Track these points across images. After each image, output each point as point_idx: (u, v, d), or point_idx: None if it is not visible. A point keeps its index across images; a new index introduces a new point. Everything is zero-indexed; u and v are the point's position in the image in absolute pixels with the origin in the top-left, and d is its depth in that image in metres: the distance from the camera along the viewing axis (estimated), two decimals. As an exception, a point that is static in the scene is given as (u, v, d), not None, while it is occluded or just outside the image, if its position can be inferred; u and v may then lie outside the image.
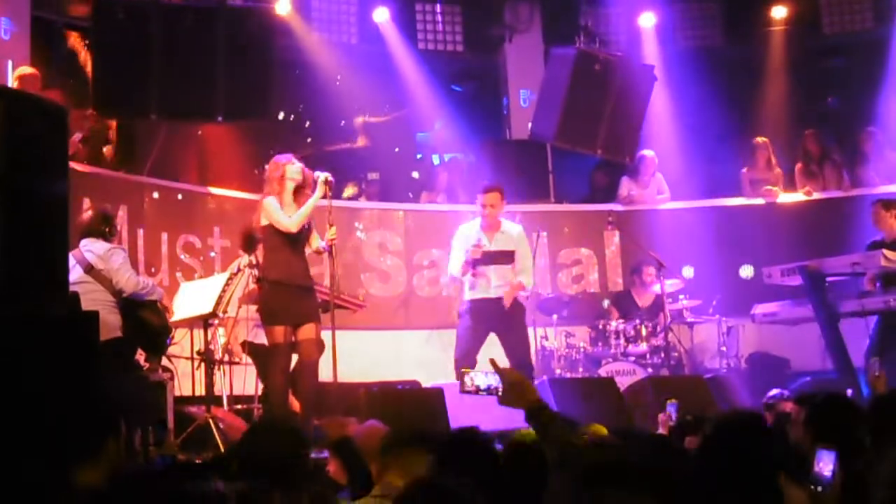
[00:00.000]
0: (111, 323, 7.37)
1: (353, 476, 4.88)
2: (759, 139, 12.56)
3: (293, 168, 8.33)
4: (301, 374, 8.24)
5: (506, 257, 9.43)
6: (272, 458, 3.96)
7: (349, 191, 12.56)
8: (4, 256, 4.64)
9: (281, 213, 8.16)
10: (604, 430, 5.06)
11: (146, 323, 7.79)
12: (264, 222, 8.30)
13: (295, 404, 8.55)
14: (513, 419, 4.13)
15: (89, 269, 7.59)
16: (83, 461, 3.74)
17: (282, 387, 8.20)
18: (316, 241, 8.38)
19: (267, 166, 8.64)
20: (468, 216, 10.19)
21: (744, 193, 12.57)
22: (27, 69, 9.53)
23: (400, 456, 4.31)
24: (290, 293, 8.10)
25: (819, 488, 3.74)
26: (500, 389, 3.80)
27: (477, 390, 3.86)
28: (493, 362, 3.98)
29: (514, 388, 3.72)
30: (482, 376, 3.86)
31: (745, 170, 12.62)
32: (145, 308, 7.80)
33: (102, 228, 7.82)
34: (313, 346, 8.17)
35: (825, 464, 3.77)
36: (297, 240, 8.23)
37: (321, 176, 8.22)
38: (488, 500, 3.36)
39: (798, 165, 12.64)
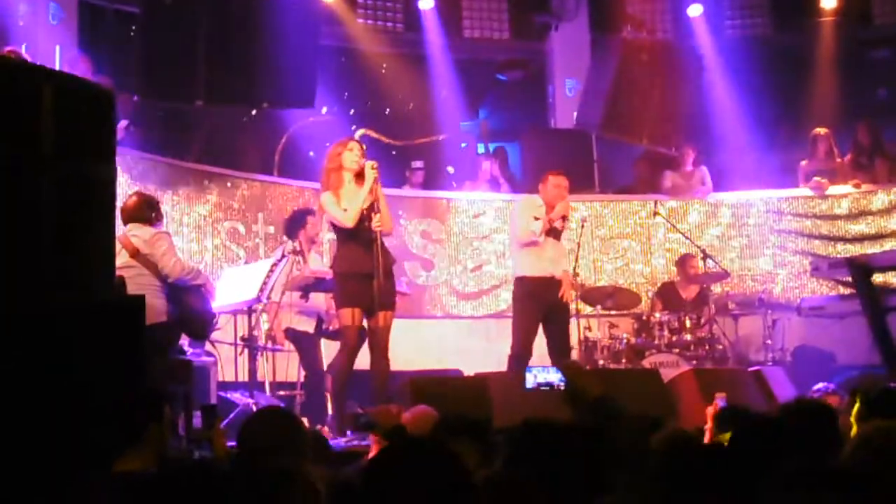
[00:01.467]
0: (157, 307, 7.38)
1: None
2: (820, 130, 12.36)
3: (350, 156, 8.11)
4: (372, 362, 8.18)
5: (558, 232, 9.46)
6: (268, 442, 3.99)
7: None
8: (52, 241, 4.66)
9: (337, 209, 8.01)
10: None
11: (191, 308, 7.81)
12: (327, 218, 8.24)
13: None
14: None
15: (135, 253, 7.60)
16: (126, 445, 3.75)
17: (344, 370, 8.14)
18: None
19: (325, 155, 8.49)
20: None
21: (801, 185, 12.42)
22: (77, 52, 9.60)
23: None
24: (356, 281, 8.02)
25: None
26: (563, 385, 3.75)
27: (539, 387, 3.84)
28: (561, 365, 3.90)
29: (579, 380, 3.66)
30: (543, 373, 3.84)
31: (804, 162, 12.42)
32: (190, 293, 7.80)
33: (148, 214, 7.85)
34: (382, 333, 8.09)
35: None
36: (359, 229, 8.12)
37: (367, 164, 8.10)
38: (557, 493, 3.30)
39: (848, 157, 12.49)
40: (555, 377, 3.72)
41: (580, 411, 3.72)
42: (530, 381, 3.71)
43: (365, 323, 8.09)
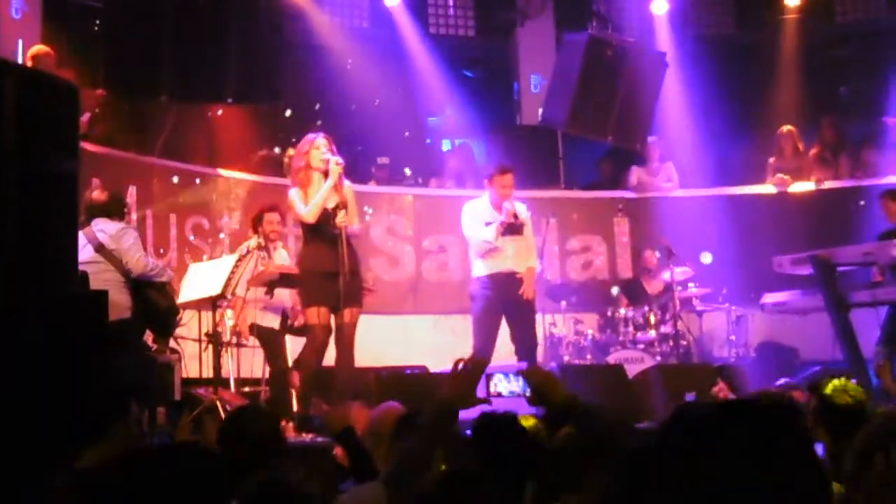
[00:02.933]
0: (120, 303, 7.35)
1: (356, 465, 4.85)
2: (785, 128, 12.46)
3: (317, 154, 8.15)
4: (337, 359, 8.19)
5: (519, 228, 9.44)
6: (253, 439, 3.99)
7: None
8: (14, 235, 4.62)
9: (300, 205, 8.08)
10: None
11: (154, 304, 7.79)
12: (293, 213, 8.25)
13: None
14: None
15: (100, 248, 7.58)
16: (90, 442, 3.73)
17: (310, 367, 8.15)
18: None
19: (292, 152, 8.50)
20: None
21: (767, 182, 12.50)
22: (41, 48, 9.52)
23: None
24: (320, 279, 8.03)
25: None
26: (527, 391, 3.73)
27: (499, 395, 3.81)
28: (524, 374, 3.88)
29: (543, 387, 3.63)
30: (504, 380, 3.81)
31: (772, 159, 12.51)
32: (153, 289, 7.79)
33: (114, 209, 7.85)
34: (347, 330, 8.10)
35: None
36: (323, 227, 8.12)
37: (331, 160, 8.10)
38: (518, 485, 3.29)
39: (812, 152, 12.57)
40: (516, 385, 3.70)
41: (550, 415, 3.69)
42: (492, 388, 3.69)
43: (332, 320, 8.10)
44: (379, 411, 5.43)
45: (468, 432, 4.09)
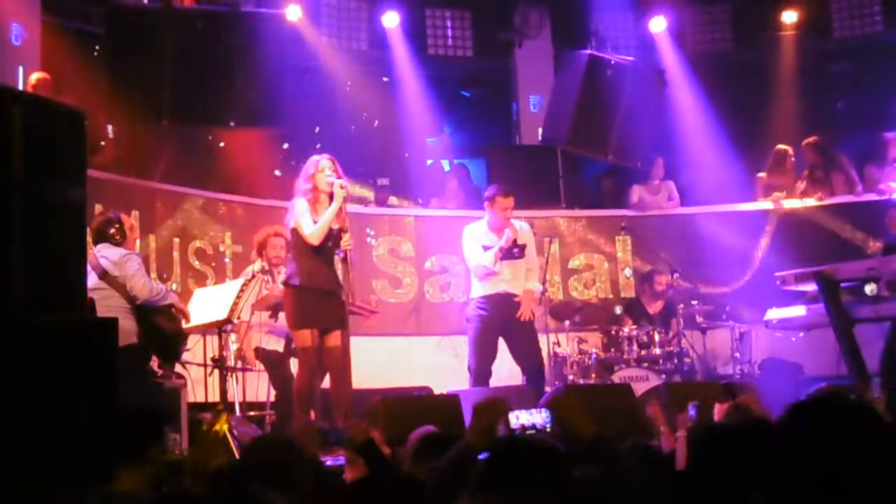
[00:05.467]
0: (127, 329, 7.31)
1: (377, 477, 4.83)
2: (781, 147, 12.48)
3: (322, 178, 8.09)
4: (333, 382, 8.16)
5: (522, 250, 9.42)
6: (268, 467, 3.96)
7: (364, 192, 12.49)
8: (23, 264, 4.61)
9: (307, 221, 8.02)
10: None
11: (160, 329, 7.76)
12: (293, 224, 8.19)
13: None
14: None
15: (104, 274, 7.57)
16: (123, 465, 3.72)
17: (306, 390, 8.11)
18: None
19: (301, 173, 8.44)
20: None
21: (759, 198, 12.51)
22: (41, 74, 9.53)
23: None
24: (316, 298, 8.01)
25: None
26: (549, 426, 3.66)
27: (523, 429, 3.76)
28: (549, 405, 3.81)
29: (571, 421, 3.55)
30: (526, 414, 3.76)
31: (762, 174, 12.52)
32: (159, 314, 7.77)
33: (116, 233, 7.80)
34: (340, 352, 8.07)
35: None
36: (322, 246, 8.10)
37: (335, 183, 8.08)
38: None
39: (805, 172, 12.59)
40: (539, 418, 3.64)
41: (575, 453, 3.63)
42: (513, 421, 3.63)
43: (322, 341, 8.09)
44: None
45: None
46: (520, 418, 3.78)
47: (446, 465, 3.62)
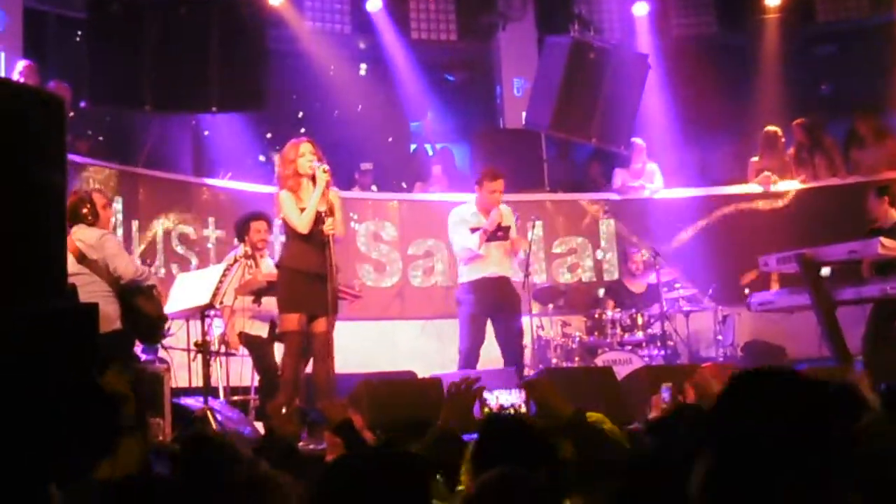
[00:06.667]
0: (110, 314, 7.20)
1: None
2: (770, 128, 12.50)
3: (304, 162, 8.02)
4: (315, 367, 8.15)
5: (506, 232, 9.49)
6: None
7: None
8: (3, 251, 4.60)
9: (294, 213, 7.96)
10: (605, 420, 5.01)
11: (141, 311, 7.58)
12: (281, 215, 8.18)
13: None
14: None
15: (82, 258, 7.32)
16: (104, 454, 3.71)
17: (293, 373, 8.10)
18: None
19: (277, 158, 8.42)
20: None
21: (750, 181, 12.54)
22: (26, 62, 9.51)
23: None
24: (305, 282, 7.99)
25: None
26: (524, 405, 3.68)
27: (501, 408, 3.79)
28: (526, 386, 3.83)
29: (548, 401, 3.55)
30: (505, 394, 3.79)
31: (754, 159, 12.54)
32: (140, 295, 7.59)
33: (88, 213, 7.56)
34: (325, 338, 8.05)
35: None
36: (312, 232, 8.06)
37: (318, 168, 8.04)
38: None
39: (790, 152, 12.62)
40: (516, 398, 3.67)
41: (550, 431, 3.66)
42: (493, 402, 3.65)
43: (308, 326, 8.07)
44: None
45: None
46: (500, 398, 3.82)
47: (429, 449, 3.62)
